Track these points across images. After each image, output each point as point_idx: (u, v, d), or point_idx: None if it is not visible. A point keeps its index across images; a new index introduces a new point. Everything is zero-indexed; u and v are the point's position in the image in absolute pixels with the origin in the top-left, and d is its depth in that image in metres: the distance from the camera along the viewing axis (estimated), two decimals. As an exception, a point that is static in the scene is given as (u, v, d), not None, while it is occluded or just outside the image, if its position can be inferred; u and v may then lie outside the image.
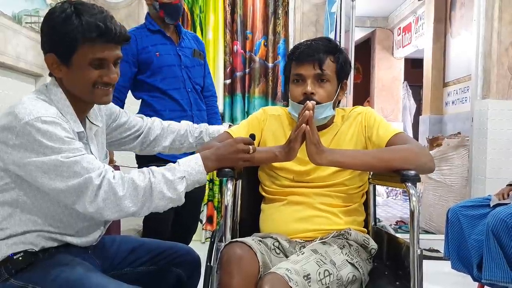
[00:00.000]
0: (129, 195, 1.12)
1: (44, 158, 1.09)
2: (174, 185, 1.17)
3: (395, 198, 6.68)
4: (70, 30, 1.15)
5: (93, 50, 1.17)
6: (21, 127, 1.10)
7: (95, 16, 1.17)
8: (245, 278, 1.18)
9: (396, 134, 1.45)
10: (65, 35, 1.16)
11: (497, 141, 3.42)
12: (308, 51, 1.46)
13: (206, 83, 2.34)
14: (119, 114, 1.52)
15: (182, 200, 1.21)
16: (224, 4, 3.83)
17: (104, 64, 1.21)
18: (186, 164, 1.22)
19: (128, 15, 3.55)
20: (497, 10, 3.40)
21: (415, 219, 1.29)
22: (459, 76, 4.82)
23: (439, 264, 2.92)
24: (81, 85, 1.21)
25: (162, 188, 1.15)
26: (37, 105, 1.15)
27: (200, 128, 1.72)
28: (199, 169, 1.22)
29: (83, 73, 1.19)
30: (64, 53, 1.18)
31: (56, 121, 1.13)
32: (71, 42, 1.16)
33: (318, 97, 1.45)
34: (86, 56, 1.17)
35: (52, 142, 1.10)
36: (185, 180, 1.19)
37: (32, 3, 2.69)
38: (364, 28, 7.40)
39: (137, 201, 1.13)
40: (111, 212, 1.13)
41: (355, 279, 1.32)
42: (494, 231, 2.12)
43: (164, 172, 1.18)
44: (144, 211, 1.16)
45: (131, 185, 1.13)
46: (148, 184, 1.14)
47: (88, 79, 1.20)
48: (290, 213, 1.46)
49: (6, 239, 1.19)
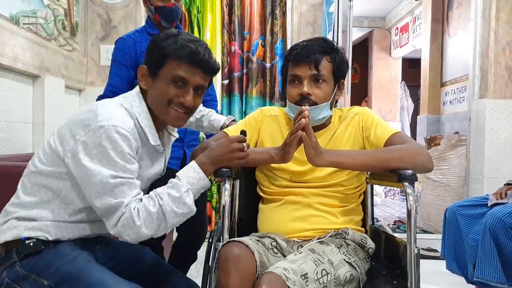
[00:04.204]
0: (144, 222, 1.16)
1: (99, 167, 1.14)
2: (183, 200, 1.20)
3: (393, 197, 6.69)
4: (165, 46, 1.25)
5: (179, 68, 1.25)
6: (95, 128, 1.15)
7: (192, 42, 1.26)
8: (243, 278, 1.18)
9: (394, 133, 1.45)
10: (159, 49, 1.26)
11: (494, 141, 3.43)
12: (304, 52, 1.46)
13: None
14: None
15: (194, 210, 1.24)
16: (222, 4, 3.84)
17: (184, 86, 1.26)
18: (186, 176, 1.24)
19: (126, 16, 3.55)
20: (494, 10, 3.41)
21: (412, 218, 1.29)
22: (456, 75, 4.83)
23: (437, 264, 2.92)
24: (159, 100, 1.27)
25: (172, 207, 1.18)
26: (119, 113, 1.21)
27: (204, 112, 1.81)
28: (199, 176, 1.24)
29: (163, 87, 1.26)
30: (154, 66, 1.27)
31: (128, 136, 1.18)
32: (163, 56, 1.25)
33: (315, 97, 1.46)
34: (171, 71, 1.25)
35: (114, 153, 1.15)
36: (191, 191, 1.22)
37: (29, 4, 2.69)
38: (361, 28, 7.41)
39: (153, 225, 1.17)
40: (130, 237, 1.17)
41: (352, 278, 1.32)
42: (492, 231, 2.13)
43: (170, 191, 1.20)
44: (161, 231, 1.20)
45: (145, 213, 1.16)
46: (159, 207, 1.18)
47: (165, 94, 1.26)
48: (287, 212, 1.46)
49: (27, 220, 1.21)
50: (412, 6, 6.22)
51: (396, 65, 7.51)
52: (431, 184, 4.25)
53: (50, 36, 2.95)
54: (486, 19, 3.46)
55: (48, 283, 1.15)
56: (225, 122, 1.81)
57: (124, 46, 2.10)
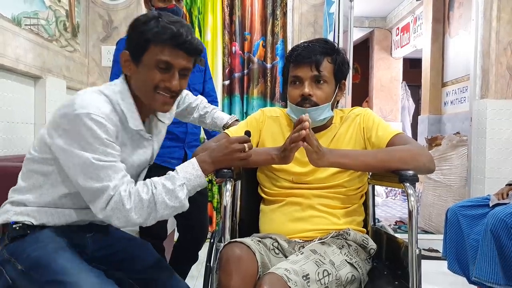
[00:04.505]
0: (135, 207, 1.16)
1: (80, 152, 1.15)
2: (176, 194, 1.20)
3: (394, 198, 6.69)
4: (146, 30, 1.22)
5: (162, 52, 1.21)
6: (72, 116, 1.16)
7: (173, 24, 1.22)
8: (244, 278, 1.19)
9: (396, 134, 1.45)
10: (141, 34, 1.22)
11: (496, 141, 3.43)
12: (305, 53, 1.46)
13: (207, 88, 2.32)
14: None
15: (186, 206, 1.23)
16: (223, 5, 3.84)
17: (169, 70, 1.24)
18: (184, 170, 1.24)
19: (127, 17, 3.55)
20: (496, 10, 3.41)
21: (414, 219, 1.29)
22: (457, 76, 4.82)
23: (439, 264, 2.92)
24: (144, 86, 1.26)
25: (164, 198, 1.18)
26: (95, 100, 1.20)
27: (208, 109, 1.84)
28: (197, 173, 1.24)
29: (148, 73, 1.23)
30: (136, 52, 1.24)
31: (103, 122, 1.17)
32: (145, 41, 1.22)
33: (316, 98, 1.46)
34: (154, 56, 1.22)
35: (92, 139, 1.15)
36: (185, 187, 1.22)
37: (31, 5, 2.69)
38: (362, 28, 7.41)
39: (143, 212, 1.17)
40: (119, 221, 1.17)
41: (354, 279, 1.32)
42: (493, 231, 2.12)
43: (165, 182, 1.20)
44: (150, 221, 1.20)
45: (137, 198, 1.17)
46: (151, 196, 1.18)
47: (151, 80, 1.23)
48: (289, 213, 1.47)
49: (17, 205, 1.25)
50: (413, 6, 6.22)
51: (397, 65, 7.51)
52: (432, 185, 4.25)
53: (51, 37, 2.95)
54: (487, 19, 3.46)
55: (21, 267, 1.17)
56: (228, 121, 1.82)
57: None
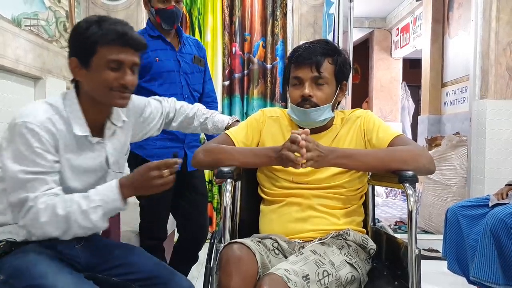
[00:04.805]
0: (50, 221, 1.19)
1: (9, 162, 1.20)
2: (88, 215, 1.22)
3: (394, 198, 6.69)
4: (91, 34, 1.25)
5: (111, 52, 1.26)
6: (11, 125, 1.22)
7: (115, 25, 1.28)
8: (244, 279, 1.19)
9: (396, 136, 1.46)
10: (86, 39, 1.26)
11: (495, 141, 3.43)
12: (306, 54, 1.47)
13: (207, 89, 2.32)
14: (145, 107, 1.61)
15: (99, 227, 1.25)
16: (223, 6, 3.84)
17: (121, 67, 1.28)
18: (102, 193, 1.25)
19: (127, 18, 3.55)
20: (495, 10, 3.41)
21: (413, 219, 1.29)
22: (457, 76, 4.83)
23: (438, 264, 2.92)
24: (99, 88, 1.29)
25: (77, 218, 1.21)
26: (34, 109, 1.25)
27: (207, 114, 1.82)
28: (114, 197, 1.24)
29: (101, 75, 1.27)
30: (84, 56, 1.27)
31: (36, 130, 1.21)
32: (91, 45, 1.26)
33: (316, 99, 1.46)
34: (104, 58, 1.26)
35: (24, 147, 1.20)
36: (101, 209, 1.23)
37: (31, 6, 2.69)
38: (362, 29, 7.42)
39: (58, 227, 1.21)
40: (36, 232, 1.22)
41: (354, 279, 1.32)
42: (493, 231, 2.13)
43: (81, 202, 1.22)
44: (67, 236, 1.23)
45: (53, 213, 1.19)
46: (67, 213, 1.20)
47: (105, 80, 1.27)
48: (289, 214, 1.47)
49: None
50: (412, 6, 6.22)
51: (396, 65, 7.52)
52: (432, 185, 4.25)
53: (51, 37, 2.96)
54: (487, 19, 3.46)
55: (2, 277, 1.20)
56: (228, 122, 1.82)
57: None
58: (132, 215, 2.24)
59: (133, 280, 1.36)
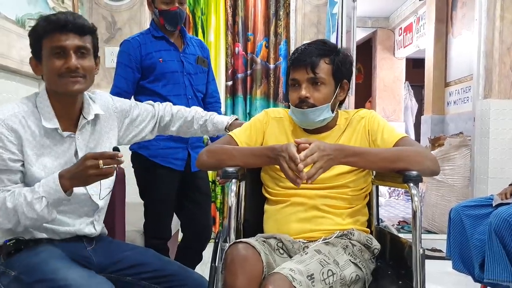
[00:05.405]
0: (2, 214, 1.25)
1: None
2: (33, 206, 1.25)
3: (397, 198, 6.69)
4: (35, 30, 1.34)
5: (52, 40, 1.31)
6: None
7: (55, 15, 1.34)
8: (249, 278, 1.20)
9: (401, 138, 1.47)
10: (32, 36, 1.35)
11: (499, 141, 3.43)
12: (301, 56, 1.48)
13: (210, 89, 2.33)
14: (130, 109, 1.62)
15: (45, 217, 1.28)
16: (226, 6, 3.85)
17: (64, 53, 1.32)
18: (45, 184, 1.28)
19: (130, 18, 3.56)
20: (499, 9, 3.41)
21: (417, 219, 1.30)
22: (460, 76, 4.82)
23: (442, 264, 2.93)
24: (51, 77, 1.34)
25: (23, 209, 1.25)
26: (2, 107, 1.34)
27: (206, 116, 1.82)
28: (56, 188, 1.27)
29: (48, 63, 1.33)
30: (36, 52, 1.36)
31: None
32: (37, 39, 1.33)
33: (314, 100, 1.47)
34: (48, 47, 1.32)
35: None
36: (45, 200, 1.26)
37: (35, 7, 2.71)
38: (365, 28, 7.41)
39: (10, 219, 1.26)
40: None
41: (358, 278, 1.33)
42: (497, 231, 2.13)
43: (26, 194, 1.26)
44: (20, 228, 1.29)
45: (3, 207, 1.25)
46: (14, 206, 1.25)
47: (52, 68, 1.32)
48: (293, 213, 1.47)
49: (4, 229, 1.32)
50: (415, 6, 6.22)
51: (400, 65, 7.51)
52: (436, 185, 4.25)
53: (55, 38, 2.97)
54: (491, 18, 3.46)
55: (14, 273, 1.26)
56: (228, 121, 1.82)
57: (129, 48, 2.11)
58: (137, 215, 2.25)
59: (146, 278, 1.39)
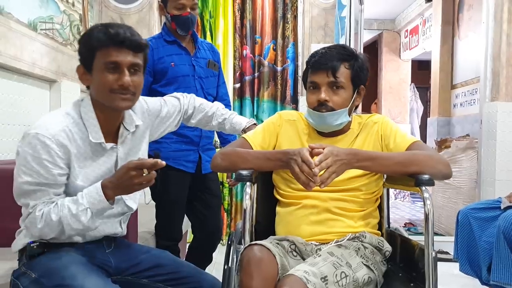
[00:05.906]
0: (46, 225, 1.27)
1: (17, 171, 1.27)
2: (78, 218, 1.28)
3: (403, 200, 6.69)
4: (89, 40, 1.32)
5: (107, 54, 1.30)
6: (25, 136, 1.28)
7: (112, 27, 1.31)
8: (265, 280, 1.21)
9: (414, 142, 1.48)
10: (85, 45, 1.34)
11: (506, 143, 3.43)
12: (322, 59, 1.49)
13: (221, 92, 2.35)
14: (161, 108, 1.63)
15: (89, 227, 1.32)
16: (234, 9, 3.88)
17: (118, 69, 1.31)
18: (89, 195, 1.30)
19: (139, 21, 3.59)
20: (506, 12, 3.41)
21: (430, 222, 1.31)
22: (467, 78, 4.82)
23: (449, 266, 2.93)
24: (101, 91, 1.33)
25: (69, 221, 1.27)
26: (50, 120, 1.30)
27: (226, 115, 1.85)
28: (100, 198, 1.29)
29: (100, 77, 1.31)
30: (87, 62, 1.34)
31: (47, 143, 1.25)
32: (90, 50, 1.31)
33: (332, 104, 1.49)
34: (102, 60, 1.30)
35: (31, 158, 1.25)
36: (89, 211, 1.29)
37: (46, 10, 2.74)
38: (371, 30, 7.41)
39: (54, 230, 1.29)
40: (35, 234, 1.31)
41: (370, 280, 1.35)
42: (505, 234, 2.14)
43: (70, 206, 1.28)
44: (64, 237, 1.32)
45: (48, 219, 1.27)
46: (59, 218, 1.27)
47: (104, 83, 1.31)
48: (305, 216, 1.49)
49: None
50: (422, 8, 6.22)
51: (405, 67, 7.51)
52: (442, 187, 4.26)
53: (66, 41, 3.00)
54: (498, 21, 3.46)
55: (34, 276, 1.27)
56: (246, 125, 1.85)
57: None
58: (148, 217, 2.28)
59: (161, 280, 1.42)
